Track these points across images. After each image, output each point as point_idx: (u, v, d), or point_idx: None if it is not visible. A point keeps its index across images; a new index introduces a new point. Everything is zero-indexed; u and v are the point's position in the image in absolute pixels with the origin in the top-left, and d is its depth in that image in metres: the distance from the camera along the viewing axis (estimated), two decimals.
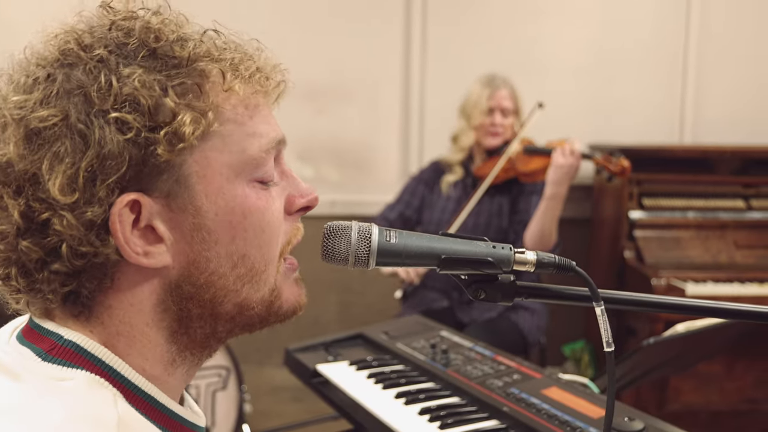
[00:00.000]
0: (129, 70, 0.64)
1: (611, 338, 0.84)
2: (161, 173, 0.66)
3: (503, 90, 2.76)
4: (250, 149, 0.70)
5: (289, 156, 3.13)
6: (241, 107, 0.70)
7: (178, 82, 0.66)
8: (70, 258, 0.64)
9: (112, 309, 0.68)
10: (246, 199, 0.70)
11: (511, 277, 0.85)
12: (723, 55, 3.79)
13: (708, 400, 3.09)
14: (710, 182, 3.31)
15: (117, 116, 0.63)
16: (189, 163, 0.67)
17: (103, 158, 0.63)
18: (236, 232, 0.69)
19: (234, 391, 2.59)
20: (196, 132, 0.65)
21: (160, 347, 0.70)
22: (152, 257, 0.67)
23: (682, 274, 3.00)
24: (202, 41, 0.70)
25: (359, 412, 1.42)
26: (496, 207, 2.77)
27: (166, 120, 0.64)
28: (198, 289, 0.69)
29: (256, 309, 0.73)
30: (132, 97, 0.64)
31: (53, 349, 0.66)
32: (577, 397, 1.35)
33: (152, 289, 0.69)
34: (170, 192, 0.66)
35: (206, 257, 0.69)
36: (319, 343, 1.74)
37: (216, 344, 0.75)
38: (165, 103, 0.65)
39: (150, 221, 0.66)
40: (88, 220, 0.64)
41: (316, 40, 3.62)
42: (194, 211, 0.67)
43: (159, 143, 0.64)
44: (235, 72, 0.70)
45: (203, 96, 0.67)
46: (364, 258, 0.80)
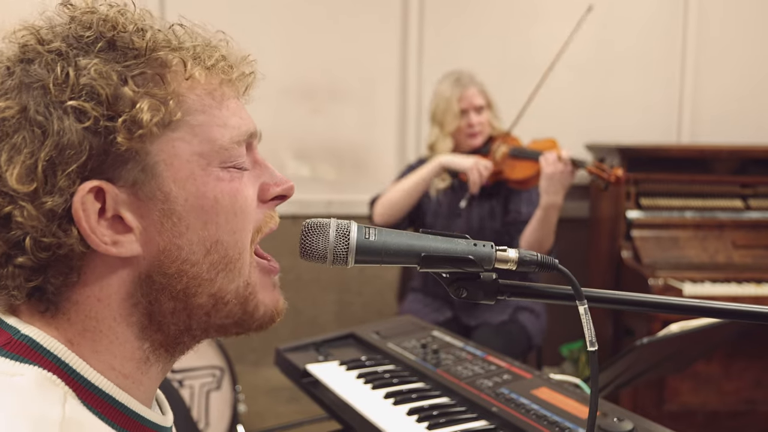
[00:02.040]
0: (86, 61, 0.65)
1: (594, 338, 0.83)
2: (125, 162, 0.65)
3: (471, 88, 2.70)
4: (220, 139, 0.70)
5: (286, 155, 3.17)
6: (208, 98, 0.70)
7: (138, 72, 0.66)
8: (34, 251, 0.63)
9: (79, 305, 0.67)
10: (217, 184, 0.69)
11: (493, 275, 0.84)
12: (721, 55, 3.78)
13: (706, 401, 3.07)
14: (708, 182, 3.30)
15: (75, 105, 0.63)
16: (155, 152, 0.66)
17: (62, 148, 0.63)
18: (208, 216, 0.69)
19: (228, 391, 2.58)
20: (154, 119, 0.65)
21: (130, 344, 0.69)
22: (121, 246, 0.66)
23: (679, 274, 2.99)
24: (161, 31, 0.70)
25: (348, 412, 1.41)
26: (488, 209, 2.73)
27: (125, 109, 0.64)
28: (170, 279, 0.68)
29: (230, 304, 0.72)
30: (90, 87, 0.64)
31: (8, 344, 0.65)
32: (566, 398, 1.34)
33: (121, 282, 0.68)
34: (136, 181, 0.66)
35: (177, 244, 0.68)
36: (309, 343, 1.73)
37: (190, 342, 0.74)
38: (123, 92, 0.64)
39: (117, 210, 0.66)
40: (49, 210, 0.63)
41: (313, 40, 3.61)
42: (163, 198, 0.67)
43: (118, 131, 0.64)
44: (196, 60, 0.69)
45: (165, 85, 0.67)
46: (342, 256, 0.78)
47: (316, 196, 3.64)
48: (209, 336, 0.74)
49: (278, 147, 3.64)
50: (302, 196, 3.60)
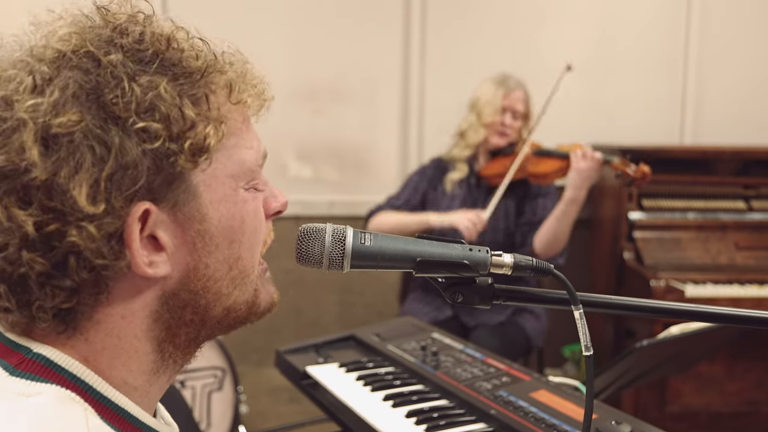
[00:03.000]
0: (148, 79, 0.63)
1: (590, 342, 0.83)
2: (172, 183, 0.65)
3: (518, 92, 2.74)
4: (248, 161, 0.71)
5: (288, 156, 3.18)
6: (240, 121, 0.71)
7: (192, 93, 0.65)
8: (78, 271, 0.62)
9: (100, 324, 0.66)
10: (244, 205, 0.71)
11: (489, 280, 0.85)
12: (723, 56, 3.77)
13: (708, 402, 3.07)
14: (710, 183, 3.29)
15: (143, 125, 0.61)
16: (197, 173, 0.67)
17: (124, 167, 0.61)
18: (235, 236, 0.70)
19: (230, 392, 2.59)
20: (218, 144, 0.66)
21: (147, 356, 0.69)
22: (155, 267, 0.66)
23: (681, 276, 2.98)
24: (213, 51, 0.69)
25: (347, 414, 1.41)
26: (503, 210, 2.74)
27: (184, 130, 0.63)
28: (194, 295, 0.69)
29: (240, 311, 0.74)
30: (154, 105, 0.62)
31: (21, 363, 0.64)
32: (565, 400, 1.34)
33: (146, 300, 0.67)
34: (177, 201, 0.66)
35: (206, 263, 0.69)
36: (309, 345, 1.74)
37: (195, 349, 0.75)
38: (185, 113, 0.64)
39: (153, 230, 0.65)
40: (108, 232, 0.62)
41: (315, 41, 3.61)
42: (200, 219, 0.67)
43: (181, 153, 0.63)
44: (242, 84, 0.70)
45: (213, 107, 0.66)
46: (338, 261, 0.79)
47: (318, 197, 3.65)
48: (213, 337, 0.76)
49: (281, 148, 3.64)
50: (305, 197, 3.62)
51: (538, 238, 2.58)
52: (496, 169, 2.73)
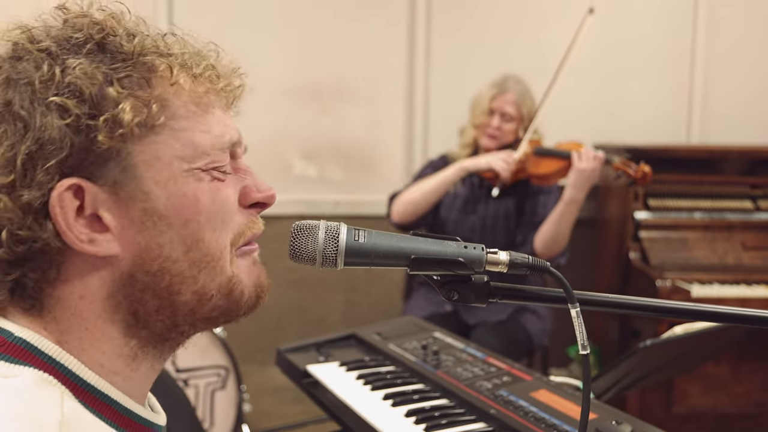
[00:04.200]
0: (73, 61, 0.66)
1: (587, 341, 0.82)
2: (106, 162, 0.66)
3: (509, 94, 2.70)
4: (202, 144, 0.71)
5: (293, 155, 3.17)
6: (193, 105, 0.71)
7: (124, 75, 0.67)
8: (11, 244, 0.64)
9: (63, 301, 0.68)
10: (198, 184, 0.70)
11: (485, 278, 0.84)
12: (730, 55, 3.75)
13: (715, 403, 3.05)
14: (717, 182, 3.27)
15: (58, 101, 0.64)
16: (136, 153, 0.68)
17: (43, 143, 0.64)
18: (189, 215, 0.70)
19: (233, 390, 2.59)
20: (136, 119, 0.66)
21: (117, 341, 0.70)
22: (98, 245, 0.67)
23: (687, 276, 2.96)
24: (151, 37, 0.71)
25: (346, 413, 1.41)
26: (503, 209, 2.73)
27: (108, 108, 0.66)
28: (153, 277, 0.69)
29: (215, 299, 0.73)
30: (74, 86, 0.65)
31: (2, 346, 0.66)
32: (565, 400, 1.33)
33: (102, 281, 0.69)
34: (117, 181, 0.67)
35: (158, 243, 0.69)
36: (311, 344, 1.74)
37: (179, 338, 0.74)
38: (107, 92, 0.66)
39: (95, 209, 0.67)
40: (25, 203, 0.64)
41: (320, 41, 3.61)
42: (144, 197, 0.68)
43: (99, 130, 0.65)
44: (183, 67, 0.71)
45: (150, 89, 0.68)
46: (331, 258, 0.79)
47: (323, 196, 3.65)
48: (198, 329, 0.75)
49: (286, 147, 3.64)
50: (310, 196, 3.62)
51: (538, 238, 2.57)
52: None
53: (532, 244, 2.60)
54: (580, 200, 2.48)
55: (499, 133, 2.70)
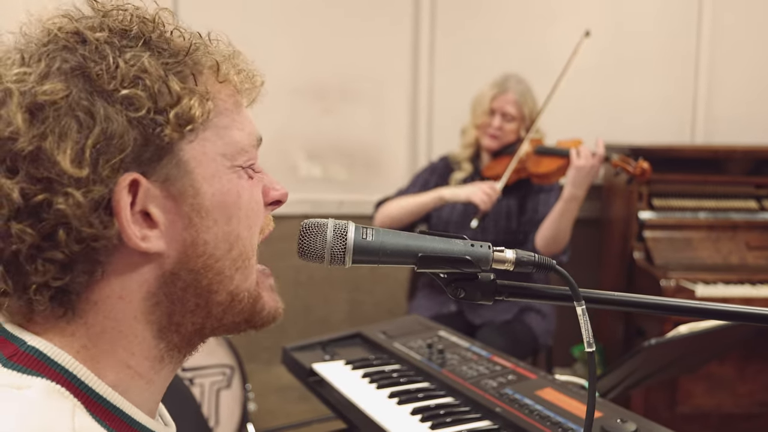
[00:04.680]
0: (133, 53, 0.65)
1: (592, 338, 0.83)
2: (161, 157, 0.66)
3: (510, 94, 2.70)
4: (241, 142, 0.72)
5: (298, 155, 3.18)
6: (230, 102, 0.72)
7: (178, 70, 0.67)
8: (68, 243, 0.62)
9: (98, 305, 0.67)
10: (239, 181, 0.71)
11: (491, 276, 0.84)
12: (735, 54, 3.74)
13: (720, 403, 3.05)
14: (722, 182, 3.27)
15: (126, 94, 0.63)
16: (187, 149, 0.68)
17: (110, 136, 0.62)
18: (231, 212, 0.71)
19: (238, 389, 2.60)
20: (203, 115, 0.67)
21: (147, 342, 0.69)
22: (148, 241, 0.66)
23: (692, 276, 2.96)
24: (198, 34, 0.72)
25: (352, 411, 1.42)
26: (505, 208, 2.73)
27: (171, 102, 0.65)
28: (196, 274, 0.69)
29: (244, 301, 0.74)
30: (139, 78, 0.64)
31: (14, 355, 0.64)
32: (570, 398, 1.34)
33: (143, 279, 0.67)
34: (169, 176, 0.67)
35: (204, 239, 0.69)
36: (316, 342, 1.74)
37: (199, 341, 0.75)
38: (171, 86, 0.66)
39: (145, 205, 0.66)
40: (94, 200, 0.62)
41: (325, 41, 3.62)
42: (193, 193, 0.68)
43: (167, 124, 0.65)
44: (227, 65, 0.72)
45: (199, 84, 0.69)
46: (340, 256, 0.79)
47: (327, 196, 3.65)
48: (217, 335, 0.75)
49: (290, 147, 3.65)
50: (314, 196, 3.62)
51: (539, 236, 2.56)
52: (497, 169, 2.72)
53: (533, 242, 2.60)
54: (580, 197, 2.47)
55: (500, 133, 2.70)
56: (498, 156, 2.76)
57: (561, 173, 2.58)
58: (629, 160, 2.50)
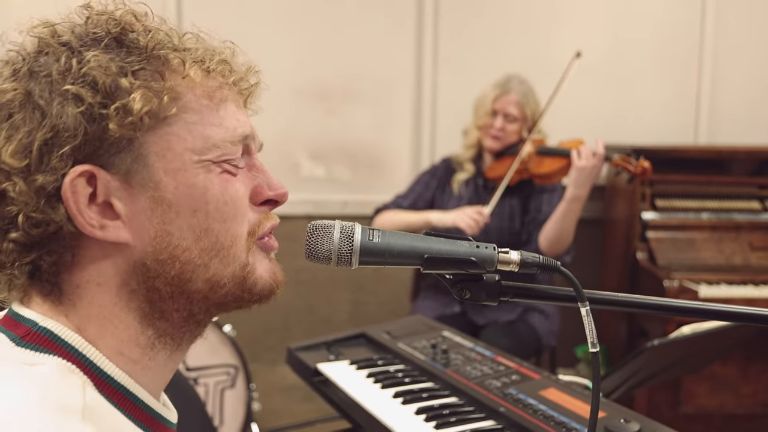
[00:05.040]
0: (89, 53, 0.69)
1: (596, 339, 0.83)
2: (119, 151, 0.69)
3: (512, 95, 2.70)
4: (214, 137, 0.73)
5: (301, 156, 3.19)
6: (205, 99, 0.74)
7: (139, 67, 0.70)
8: (26, 227, 0.67)
9: (80, 289, 0.71)
10: (207, 175, 0.73)
11: (496, 277, 0.85)
12: (738, 55, 3.75)
13: (723, 403, 3.05)
14: (725, 183, 3.27)
15: (73, 90, 0.67)
16: (148, 143, 0.70)
17: (58, 130, 0.67)
18: (197, 204, 0.72)
19: (242, 389, 2.60)
20: (145, 108, 0.69)
21: (133, 329, 0.72)
22: (108, 231, 0.69)
23: (695, 276, 2.97)
24: (166, 33, 0.74)
25: (357, 411, 1.43)
26: (508, 209, 2.74)
27: (120, 98, 0.68)
28: (163, 265, 0.71)
29: (227, 286, 0.75)
30: (89, 76, 0.68)
31: (27, 335, 0.69)
32: (574, 399, 1.34)
33: (116, 268, 0.71)
34: (129, 170, 0.70)
35: (167, 230, 0.71)
36: (321, 342, 1.75)
37: (196, 328, 0.77)
38: (120, 82, 0.68)
39: (107, 197, 0.69)
40: (39, 186, 0.67)
41: (327, 41, 3.63)
42: (153, 186, 0.70)
43: (111, 118, 0.67)
44: (196, 62, 0.73)
45: (163, 81, 0.71)
46: (346, 257, 0.80)
47: (331, 196, 3.66)
48: (212, 315, 0.77)
49: (293, 148, 3.66)
50: (317, 196, 3.64)
51: (542, 236, 2.57)
52: (500, 170, 2.72)
53: (537, 242, 2.61)
54: (583, 197, 2.48)
55: (502, 134, 2.71)
56: (500, 157, 2.76)
57: (563, 173, 2.58)
58: (630, 159, 2.51)
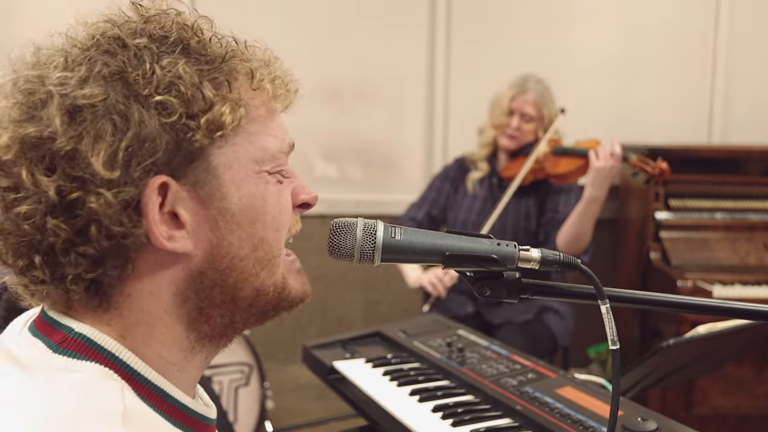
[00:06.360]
0: (170, 60, 0.68)
1: (616, 337, 0.84)
2: (192, 161, 0.69)
3: (528, 95, 2.70)
4: (271, 148, 0.75)
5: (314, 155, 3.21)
6: (263, 109, 0.75)
7: (213, 77, 0.70)
8: (99, 239, 0.65)
9: (131, 298, 0.70)
10: (267, 186, 0.74)
11: (517, 275, 0.86)
12: (752, 54, 3.73)
13: (737, 404, 3.04)
14: (739, 183, 3.26)
15: (160, 99, 0.66)
16: (217, 154, 0.70)
17: (142, 140, 0.65)
18: (257, 216, 0.73)
19: (256, 387, 2.62)
20: (234, 122, 0.69)
21: (178, 334, 0.73)
22: (175, 241, 0.69)
23: (709, 276, 2.95)
24: (234, 41, 0.74)
25: (373, 408, 1.43)
26: (524, 209, 2.74)
27: (203, 108, 0.68)
28: (221, 274, 0.72)
29: (270, 294, 0.76)
30: (173, 84, 0.67)
31: (64, 342, 0.68)
32: (591, 397, 1.35)
33: (173, 277, 0.71)
34: (198, 180, 0.69)
35: (228, 241, 0.71)
36: (336, 341, 1.76)
37: (232, 334, 0.78)
38: (204, 93, 0.68)
39: (174, 207, 0.69)
40: (124, 200, 0.65)
41: (340, 40, 3.64)
42: (220, 197, 0.70)
43: (198, 129, 0.67)
44: (263, 72, 0.74)
45: (233, 91, 0.71)
46: (369, 254, 0.81)
47: (344, 195, 3.67)
48: (250, 324, 0.78)
49: (306, 147, 3.67)
50: (330, 195, 3.64)
51: (560, 237, 2.57)
52: (514, 169, 2.72)
53: (554, 243, 2.60)
54: (601, 198, 2.48)
55: (518, 134, 2.71)
56: (515, 156, 2.76)
57: (579, 174, 2.58)
58: (648, 160, 2.50)
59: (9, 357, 0.68)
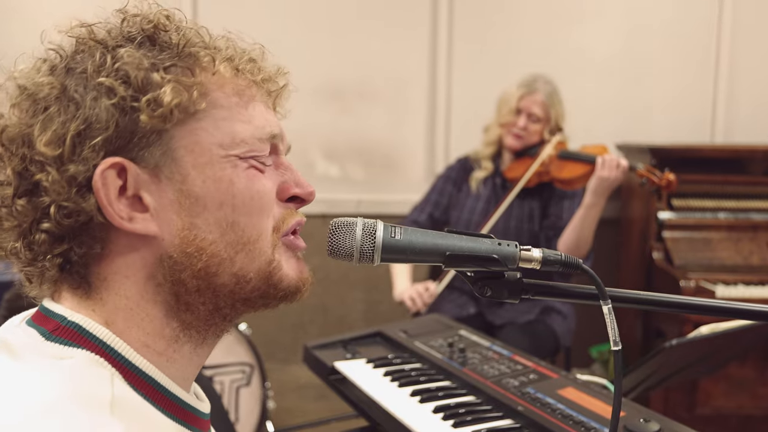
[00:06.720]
0: (123, 50, 0.71)
1: (618, 337, 0.83)
2: (149, 145, 0.71)
3: (537, 95, 2.68)
4: (241, 133, 0.75)
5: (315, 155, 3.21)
6: (235, 96, 0.75)
7: (170, 63, 0.72)
8: (58, 217, 0.69)
9: (108, 281, 0.72)
10: (234, 169, 0.74)
11: (518, 275, 0.85)
12: (755, 53, 3.72)
13: (739, 405, 3.03)
14: (742, 182, 3.24)
15: (106, 83, 0.69)
16: (177, 137, 0.72)
17: (91, 121, 0.69)
18: (224, 198, 0.73)
19: (257, 387, 2.62)
20: (174, 101, 0.70)
21: (159, 321, 0.73)
22: (136, 222, 0.71)
23: (711, 276, 2.95)
24: (196, 31, 0.76)
25: (374, 409, 1.43)
26: (527, 211, 2.73)
27: (144, 89, 0.70)
28: (190, 257, 0.72)
29: (254, 281, 0.75)
30: (122, 71, 0.70)
31: (57, 330, 0.70)
32: (592, 398, 1.34)
33: (143, 261, 0.72)
34: (158, 163, 0.71)
35: (194, 223, 0.72)
36: (337, 341, 1.75)
37: (222, 322, 0.77)
38: (152, 77, 0.70)
39: (137, 190, 0.71)
40: (71, 176, 0.68)
41: (343, 40, 3.64)
42: (181, 179, 0.72)
43: (142, 110, 0.69)
44: (225, 60, 0.75)
45: (193, 77, 0.73)
46: (368, 254, 0.80)
47: (345, 195, 3.67)
48: (239, 311, 0.77)
49: (307, 147, 3.67)
50: (331, 195, 3.64)
51: (561, 244, 2.56)
52: (519, 170, 2.71)
53: (556, 249, 2.59)
54: (600, 205, 2.49)
55: (524, 133, 2.69)
56: (520, 157, 2.75)
57: (585, 180, 2.56)
58: (655, 170, 2.49)
59: (3, 346, 0.70)
